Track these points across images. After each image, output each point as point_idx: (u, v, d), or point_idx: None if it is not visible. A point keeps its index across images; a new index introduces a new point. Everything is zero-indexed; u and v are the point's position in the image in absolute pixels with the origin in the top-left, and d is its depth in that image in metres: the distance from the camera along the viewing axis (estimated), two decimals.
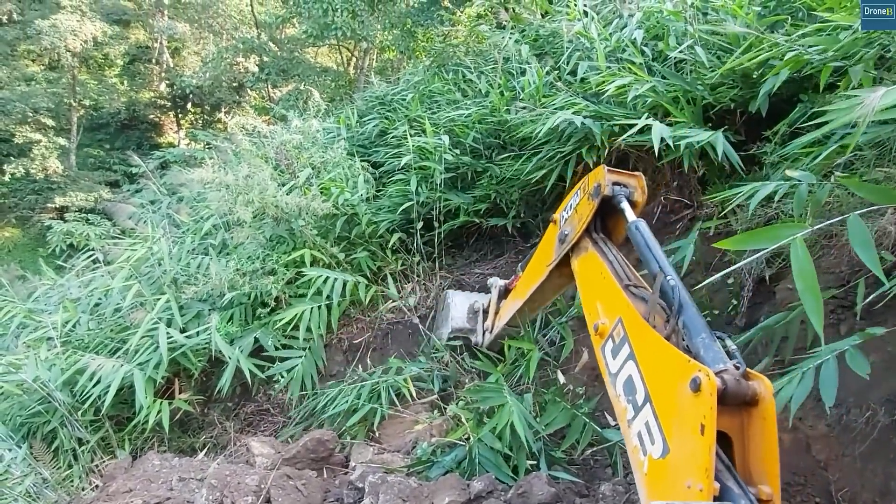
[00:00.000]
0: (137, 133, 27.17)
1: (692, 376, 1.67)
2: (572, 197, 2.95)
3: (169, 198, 7.87)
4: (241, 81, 23.11)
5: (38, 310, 5.77)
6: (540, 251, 3.31)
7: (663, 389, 1.85)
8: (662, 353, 1.91)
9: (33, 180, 22.39)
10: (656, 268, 2.28)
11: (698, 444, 1.61)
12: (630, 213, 2.60)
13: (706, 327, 1.96)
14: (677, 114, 3.71)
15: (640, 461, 1.89)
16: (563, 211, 3.04)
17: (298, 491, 2.54)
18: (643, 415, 1.92)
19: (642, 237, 2.47)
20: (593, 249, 2.70)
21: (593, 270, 2.61)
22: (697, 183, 4.14)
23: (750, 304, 3.32)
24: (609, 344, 2.27)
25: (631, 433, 1.98)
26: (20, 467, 4.16)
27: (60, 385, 4.50)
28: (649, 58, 4.55)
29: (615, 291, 2.36)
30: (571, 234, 2.86)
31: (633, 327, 2.13)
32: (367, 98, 7.97)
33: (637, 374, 2.02)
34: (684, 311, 2.04)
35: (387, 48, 18.04)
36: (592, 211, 2.71)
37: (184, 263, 5.44)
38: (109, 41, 24.94)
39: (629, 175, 2.70)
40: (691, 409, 1.66)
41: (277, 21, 20.54)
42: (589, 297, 2.59)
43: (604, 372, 2.26)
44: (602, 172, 2.66)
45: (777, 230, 1.82)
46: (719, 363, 1.79)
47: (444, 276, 5.53)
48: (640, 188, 2.70)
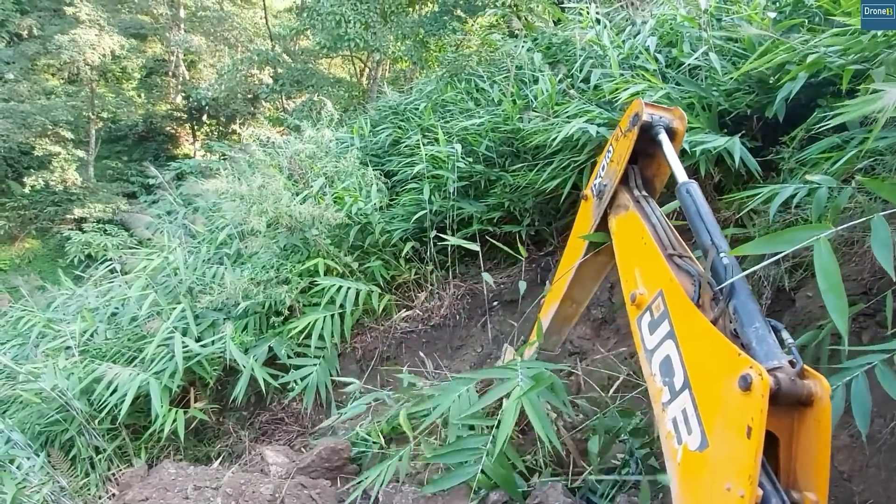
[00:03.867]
0: (154, 145, 27.56)
1: (742, 373, 1.52)
2: (603, 157, 2.73)
3: (184, 208, 7.96)
4: (256, 93, 23.35)
5: (56, 319, 5.85)
6: (574, 231, 3.02)
7: (707, 379, 1.71)
8: (708, 339, 1.75)
9: (53, 192, 22.76)
10: (707, 240, 2.05)
11: (743, 448, 1.48)
12: (670, 147, 2.38)
13: (761, 315, 1.77)
14: (692, 120, 3.68)
15: (673, 449, 1.77)
16: (595, 180, 2.80)
17: (313, 500, 2.53)
18: (681, 401, 1.79)
19: (693, 202, 2.19)
20: (634, 209, 2.44)
21: (633, 233, 2.37)
22: (713, 189, 4.11)
23: (769, 312, 3.27)
24: (646, 317, 2.09)
25: (666, 418, 1.84)
26: (38, 475, 4.19)
27: (78, 394, 4.54)
28: (663, 65, 4.53)
29: (657, 260, 2.14)
30: (611, 183, 2.58)
31: (676, 304, 1.95)
32: (380, 108, 8.02)
33: (677, 355, 1.86)
34: (736, 295, 1.84)
35: (399, 58, 18.16)
36: (632, 143, 2.46)
37: (199, 273, 5.48)
38: (127, 55, 25.39)
39: (665, 108, 2.50)
40: (738, 408, 1.53)
41: (291, 33, 20.76)
42: (626, 263, 2.38)
43: (638, 346, 2.10)
44: (639, 103, 2.44)
45: (798, 231, 1.73)
46: (773, 359, 1.62)
47: (457, 284, 5.51)
48: (679, 117, 2.48)
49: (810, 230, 1.70)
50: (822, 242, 1.68)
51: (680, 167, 2.32)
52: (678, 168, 2.32)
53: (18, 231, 23.37)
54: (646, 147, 2.49)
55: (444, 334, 5.29)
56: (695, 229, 2.13)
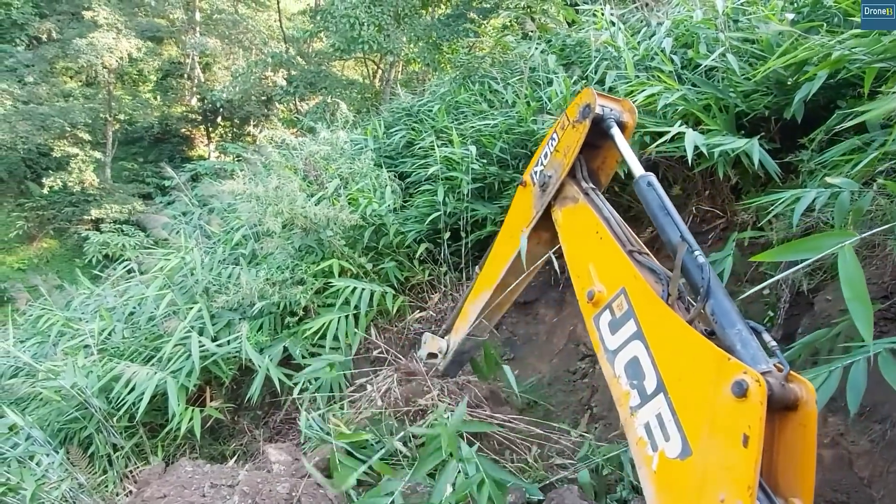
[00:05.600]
0: (170, 146, 27.87)
1: (736, 379, 1.46)
2: (546, 145, 2.58)
3: (200, 209, 8.03)
4: (270, 95, 23.53)
5: (75, 318, 5.94)
6: (509, 221, 2.86)
7: (688, 384, 1.64)
8: (688, 341, 1.67)
9: (70, 193, 23.08)
10: (676, 236, 1.93)
11: (740, 457, 1.42)
12: (622, 140, 2.26)
13: (741, 318, 1.71)
14: (709, 122, 3.66)
15: (647, 456, 1.68)
16: (536, 166, 2.63)
17: (329, 500, 2.55)
18: (654, 405, 1.70)
19: (657, 195, 2.07)
20: (584, 201, 2.31)
21: (585, 227, 2.25)
22: (730, 192, 4.08)
23: (787, 315, 3.24)
24: (606, 316, 1.98)
25: (635, 422, 1.75)
26: (57, 472, 4.26)
27: (97, 392, 4.60)
28: (678, 66, 4.51)
29: (617, 256, 2.03)
30: (557, 174, 2.44)
31: (644, 303, 1.85)
32: (394, 110, 8.05)
33: (647, 357, 1.77)
34: (713, 296, 1.76)
35: (412, 60, 18.21)
36: (583, 136, 2.32)
37: (215, 273, 5.53)
38: (143, 57, 25.71)
39: (615, 99, 2.38)
40: (732, 416, 1.47)
41: (305, 35, 20.90)
42: (578, 258, 2.25)
43: (597, 346, 1.99)
44: (590, 93, 2.30)
45: (822, 239, 1.71)
46: (760, 363, 1.57)
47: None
48: (629, 110, 2.38)
49: (834, 237, 1.68)
50: (847, 250, 1.65)
51: (636, 160, 2.22)
52: (633, 161, 2.22)
53: (37, 231, 23.73)
54: (592, 139, 2.38)
55: None
56: (659, 224, 2.03)
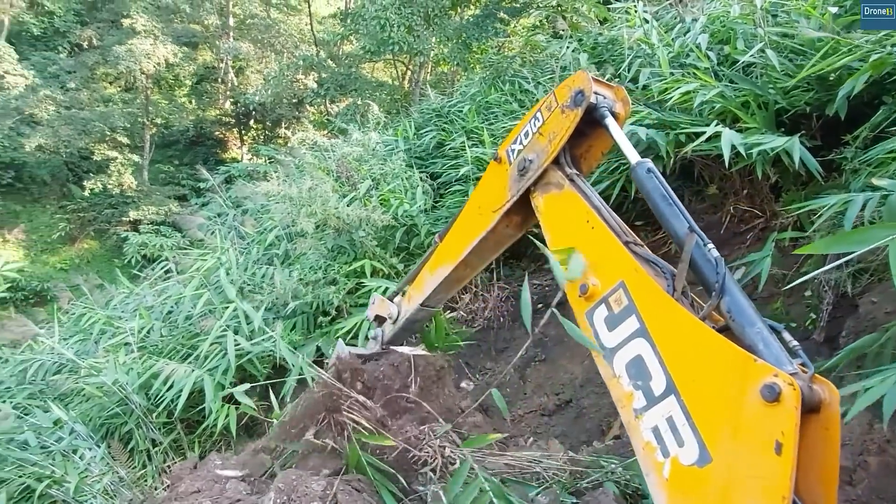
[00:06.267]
0: (204, 149, 28.50)
1: (765, 382, 1.38)
2: (528, 123, 2.40)
3: (234, 210, 8.19)
4: (301, 97, 23.88)
5: (116, 317, 6.10)
6: (479, 196, 2.70)
7: (705, 385, 1.54)
8: (704, 341, 1.57)
9: (110, 195, 23.80)
10: (684, 227, 1.81)
11: (773, 465, 1.35)
12: (618, 130, 2.12)
13: (760, 315, 1.62)
14: (748, 119, 3.58)
15: (657, 462, 1.59)
16: (514, 143, 2.46)
17: (365, 499, 2.57)
18: (663, 408, 1.61)
19: (659, 183, 1.94)
20: (570, 188, 2.19)
21: (573, 215, 2.13)
22: (770, 191, 3.98)
23: (830, 318, 3.15)
24: (601, 311, 1.88)
25: (641, 426, 1.65)
26: (99, 465, 4.37)
27: (136, 388, 4.72)
28: (714, 63, 4.43)
29: (612, 247, 1.92)
30: (540, 159, 2.29)
31: (648, 299, 1.75)
32: (424, 111, 8.09)
33: (654, 356, 1.68)
34: (728, 292, 1.67)
35: (441, 61, 18.26)
36: (573, 124, 2.16)
37: (250, 273, 5.63)
38: (179, 63, 26.33)
39: (608, 86, 2.24)
40: (762, 422, 1.39)
41: (336, 38, 21.17)
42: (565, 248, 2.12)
43: (591, 343, 1.90)
44: (585, 78, 2.15)
45: (870, 231, 1.61)
46: (784, 364, 1.48)
47: (501, 287, 5.50)
48: (622, 99, 2.23)
49: (884, 229, 1.59)
50: None
51: (631, 148, 2.09)
52: (629, 149, 2.09)
53: (78, 232, 24.51)
54: (580, 125, 2.22)
55: (488, 336, 5.29)
56: (662, 215, 1.90)
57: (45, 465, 4.20)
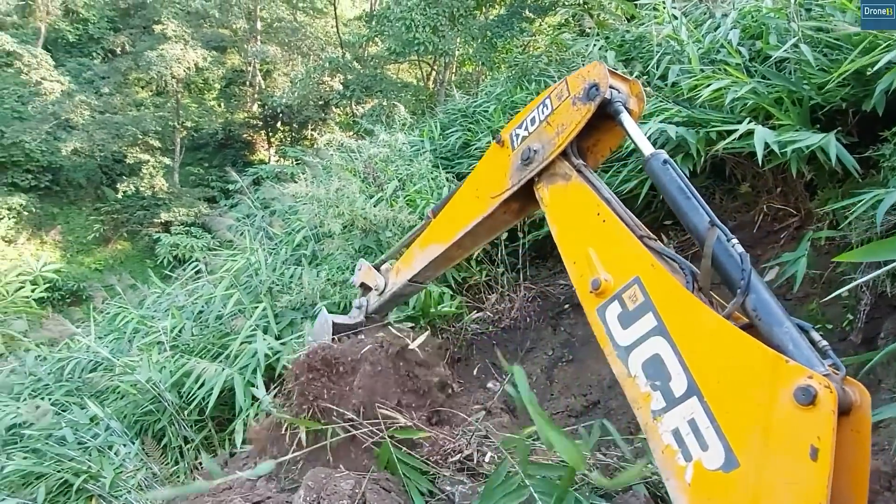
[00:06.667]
0: (232, 151, 28.98)
1: (800, 384, 1.33)
2: (534, 109, 2.30)
3: (262, 211, 8.31)
4: (327, 99, 24.10)
5: (148, 316, 6.24)
6: (478, 179, 2.60)
7: (731, 387, 1.49)
8: (730, 340, 1.52)
9: (142, 197, 24.37)
10: (704, 221, 1.74)
11: (808, 472, 1.29)
12: (634, 127, 2.04)
13: (787, 315, 1.56)
14: (781, 116, 3.50)
15: (677, 466, 1.54)
16: (518, 128, 2.37)
17: (393, 498, 2.58)
18: (684, 409, 1.56)
19: (677, 175, 1.87)
20: (579, 179, 2.11)
21: (583, 208, 2.06)
22: (804, 189, 3.89)
23: (868, 318, 3.06)
24: (614, 308, 1.82)
25: (659, 427, 1.60)
26: (133, 462, 4.48)
27: (169, 386, 4.82)
28: (746, 58, 4.34)
29: (626, 241, 1.85)
30: (545, 151, 2.21)
31: (666, 295, 1.69)
32: (449, 111, 8.09)
33: (673, 356, 1.62)
34: (753, 290, 1.61)
35: (466, 61, 18.26)
36: (585, 119, 2.07)
37: (278, 273, 5.70)
38: (209, 67, 26.84)
39: (623, 78, 2.15)
40: (795, 426, 1.34)
41: (361, 40, 21.31)
42: (574, 242, 2.05)
43: (604, 341, 1.83)
44: (601, 71, 2.06)
45: None
46: (816, 365, 1.44)
47: (528, 286, 5.48)
48: (637, 94, 2.14)
49: None
50: None
51: (645, 140, 2.02)
52: (643, 142, 2.02)
53: (112, 233, 25.16)
54: (591, 118, 2.14)
55: (515, 336, 5.27)
56: (681, 210, 1.83)
57: (82, 461, 4.31)
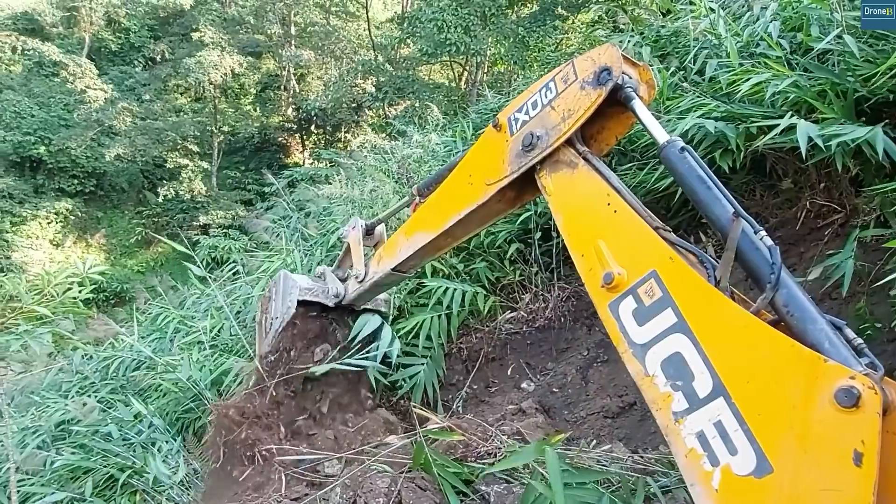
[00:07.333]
0: (268, 155, 29.55)
1: (841, 385, 1.26)
2: (536, 92, 2.15)
3: (297, 213, 8.42)
4: (360, 102, 24.37)
5: (189, 316, 6.39)
6: (471, 165, 2.44)
7: (762, 387, 1.41)
8: (761, 338, 1.43)
9: (182, 201, 25.08)
10: (728, 211, 1.63)
11: (851, 477, 1.22)
12: (647, 114, 1.91)
13: (820, 311, 1.49)
14: (825, 109, 3.39)
15: (703, 472, 1.45)
16: (518, 111, 2.22)
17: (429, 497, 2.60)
18: (710, 411, 1.47)
19: (697, 163, 1.76)
20: (585, 168, 1.99)
21: (591, 197, 1.94)
22: (849, 184, 3.75)
23: None
24: (628, 304, 1.72)
25: (682, 430, 1.51)
26: (175, 458, 4.59)
27: (209, 384, 4.92)
28: (787, 51, 4.21)
29: (640, 233, 1.75)
30: (550, 137, 2.06)
31: (688, 290, 1.59)
32: (481, 111, 8.07)
33: (696, 354, 1.53)
34: (784, 285, 1.51)
35: (498, 61, 18.22)
36: (594, 105, 1.94)
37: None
38: (245, 72, 27.49)
39: (633, 63, 2.03)
40: (837, 429, 1.27)
41: (393, 42, 21.48)
42: (582, 234, 1.94)
43: (617, 339, 1.74)
44: (614, 54, 1.93)
45: None
46: (854, 365, 1.36)
47: (562, 286, 5.42)
48: (647, 81, 2.03)
49: None
50: None
51: (659, 127, 1.92)
52: (657, 129, 1.91)
53: (153, 236, 25.92)
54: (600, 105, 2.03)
55: (549, 336, 5.22)
56: (700, 200, 1.73)
57: (127, 457, 4.43)
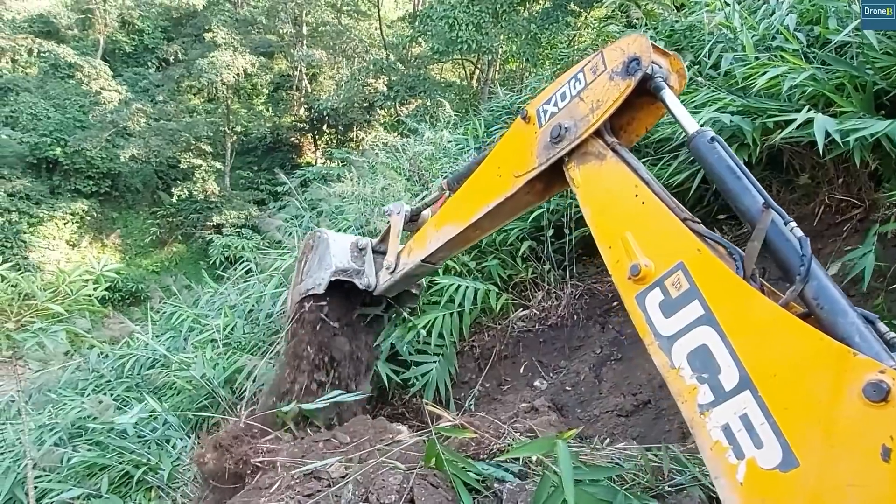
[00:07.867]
0: (280, 154, 29.71)
1: (871, 379, 1.24)
2: (565, 83, 2.15)
3: (310, 212, 8.45)
4: (372, 101, 24.41)
5: (202, 315, 6.43)
6: (500, 157, 2.45)
7: (789, 381, 1.40)
8: (789, 331, 1.42)
9: (195, 201, 25.28)
10: (758, 202, 1.62)
11: (879, 474, 1.21)
12: (677, 104, 1.90)
13: (851, 304, 1.47)
14: (843, 103, 3.32)
15: (728, 465, 1.45)
16: (547, 103, 2.21)
17: (444, 497, 2.58)
18: (735, 404, 1.46)
19: (727, 154, 1.76)
20: (614, 159, 1.98)
21: (619, 189, 1.94)
22: (868, 179, 3.69)
23: None
24: (655, 296, 1.71)
25: (707, 423, 1.51)
26: (190, 455, 4.62)
27: (222, 382, 4.95)
28: (804, 44, 4.15)
29: (668, 224, 1.74)
30: (578, 129, 2.06)
31: (715, 282, 1.58)
32: (493, 108, 8.04)
33: (723, 346, 1.52)
34: (814, 277, 1.50)
35: (510, 58, 18.16)
36: (623, 95, 1.93)
37: None
38: (257, 72, 27.63)
39: (663, 53, 2.02)
40: (865, 424, 1.25)
41: (405, 41, 21.48)
42: (610, 226, 1.94)
43: (643, 331, 1.74)
44: (644, 44, 1.92)
45: None
46: (886, 360, 1.34)
47: (575, 284, 5.38)
48: (678, 71, 2.01)
49: None
50: None
51: (688, 117, 1.89)
52: (686, 119, 1.89)
53: (167, 236, 26.19)
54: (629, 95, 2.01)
55: (562, 334, 5.19)
56: (730, 191, 1.71)
57: (142, 454, 4.47)
